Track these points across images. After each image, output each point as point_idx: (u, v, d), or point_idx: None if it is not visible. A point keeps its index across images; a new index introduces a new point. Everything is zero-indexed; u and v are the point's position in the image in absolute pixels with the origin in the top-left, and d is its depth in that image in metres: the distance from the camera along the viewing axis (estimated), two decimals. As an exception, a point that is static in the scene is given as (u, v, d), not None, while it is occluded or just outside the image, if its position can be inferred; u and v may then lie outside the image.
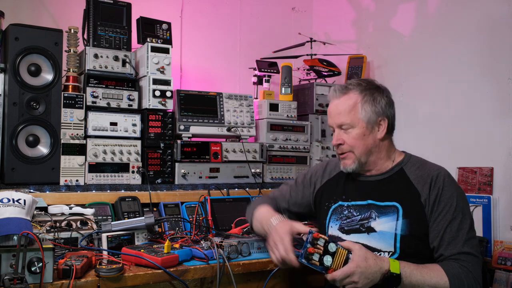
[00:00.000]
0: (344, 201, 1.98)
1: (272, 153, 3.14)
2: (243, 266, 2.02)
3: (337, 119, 1.91)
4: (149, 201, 2.55)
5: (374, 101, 1.89)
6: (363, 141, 1.89)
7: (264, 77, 3.32)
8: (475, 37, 2.93)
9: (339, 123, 1.91)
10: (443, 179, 1.83)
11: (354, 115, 1.88)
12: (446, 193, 1.80)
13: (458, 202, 1.79)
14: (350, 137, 1.89)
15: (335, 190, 2.04)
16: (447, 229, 1.76)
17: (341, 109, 1.90)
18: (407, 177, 1.89)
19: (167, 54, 2.79)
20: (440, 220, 1.78)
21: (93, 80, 2.61)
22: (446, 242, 1.75)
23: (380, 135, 1.90)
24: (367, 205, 1.91)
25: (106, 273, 1.72)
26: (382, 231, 1.84)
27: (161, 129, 2.76)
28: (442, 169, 1.88)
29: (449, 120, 3.05)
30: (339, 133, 1.92)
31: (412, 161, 1.93)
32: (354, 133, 1.88)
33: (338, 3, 3.93)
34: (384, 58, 3.53)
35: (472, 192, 2.84)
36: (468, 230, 1.77)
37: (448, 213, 1.77)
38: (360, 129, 1.88)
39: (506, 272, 2.55)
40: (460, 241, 1.74)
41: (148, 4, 3.25)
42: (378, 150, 1.92)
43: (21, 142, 2.39)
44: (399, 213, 1.82)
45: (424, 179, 1.84)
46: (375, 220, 1.86)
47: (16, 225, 1.69)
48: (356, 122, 1.88)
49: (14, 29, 2.38)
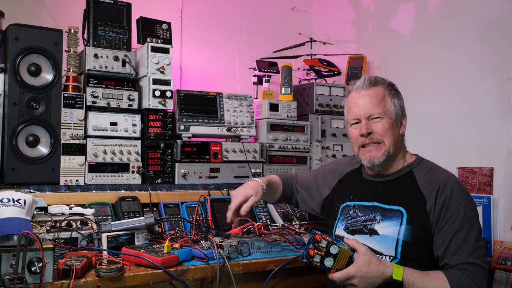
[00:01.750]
0: (351, 200, 1.98)
1: (272, 153, 3.14)
2: (243, 266, 2.02)
3: (367, 109, 1.88)
4: (149, 201, 2.55)
5: (399, 97, 1.93)
6: (392, 131, 1.88)
7: (264, 77, 3.32)
8: (475, 37, 2.93)
9: (369, 114, 1.88)
10: (451, 187, 1.79)
11: (384, 106, 1.88)
12: (453, 202, 1.76)
13: (466, 212, 1.75)
14: (380, 126, 1.87)
15: (345, 190, 2.04)
16: (453, 238, 1.72)
17: (372, 99, 1.88)
18: (415, 181, 1.87)
19: (167, 54, 2.79)
20: (446, 229, 1.74)
21: (93, 80, 2.61)
22: (452, 252, 1.71)
23: (402, 131, 1.93)
24: (372, 207, 1.90)
25: (106, 273, 1.72)
26: (384, 235, 1.83)
27: (161, 129, 2.76)
28: (451, 177, 1.85)
29: (449, 120, 3.05)
30: (367, 123, 1.88)
31: (423, 165, 1.91)
32: (385, 122, 1.87)
33: (338, 3, 3.93)
34: (384, 58, 3.53)
35: (472, 192, 2.84)
36: (475, 240, 1.72)
37: (455, 223, 1.73)
38: (390, 120, 1.88)
39: (506, 272, 2.55)
40: (466, 251, 1.70)
41: (148, 4, 3.25)
42: (400, 145, 1.93)
43: (21, 142, 2.39)
44: (403, 218, 1.81)
45: (432, 186, 1.82)
46: (379, 223, 1.85)
47: (16, 225, 1.69)
48: (386, 113, 1.88)
49: (14, 29, 2.38)
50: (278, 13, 4.01)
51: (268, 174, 3.09)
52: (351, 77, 3.47)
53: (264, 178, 2.15)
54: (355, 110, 1.92)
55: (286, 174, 2.27)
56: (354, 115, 1.93)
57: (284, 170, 3.15)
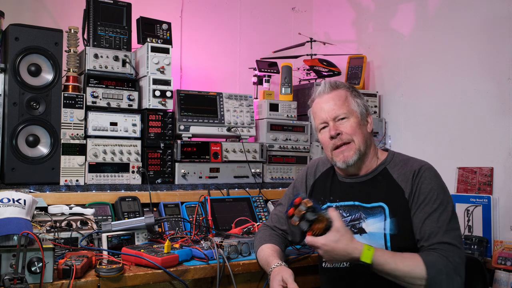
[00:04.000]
0: (332, 201, 1.99)
1: (272, 153, 3.14)
2: (243, 266, 2.02)
3: (332, 111, 1.92)
4: (149, 201, 2.55)
5: (360, 97, 1.97)
6: (361, 130, 1.91)
7: (264, 77, 3.32)
8: (475, 37, 2.93)
9: (335, 115, 1.91)
10: (423, 172, 1.83)
11: (348, 106, 1.92)
12: (426, 186, 1.80)
13: (438, 195, 1.78)
14: (348, 126, 1.90)
15: (323, 191, 2.04)
16: (426, 221, 1.75)
17: (335, 101, 1.92)
18: (390, 177, 1.89)
19: (167, 54, 2.79)
20: (419, 212, 1.78)
21: (93, 80, 2.61)
22: (427, 234, 1.74)
23: (369, 129, 1.95)
24: (355, 206, 1.92)
25: (106, 273, 1.72)
26: (371, 232, 1.86)
27: (161, 129, 2.76)
28: (424, 164, 1.88)
29: (449, 120, 3.05)
30: (335, 124, 1.91)
31: (395, 160, 1.94)
32: (352, 121, 1.90)
33: (338, 3, 3.93)
34: (384, 58, 3.53)
35: (472, 192, 2.84)
36: (449, 221, 1.75)
37: (428, 206, 1.77)
38: (356, 119, 1.91)
39: (506, 272, 2.55)
40: (440, 232, 1.73)
41: (148, 4, 3.25)
42: (370, 143, 1.95)
43: (21, 142, 2.39)
44: (386, 212, 1.84)
45: (407, 176, 1.85)
46: (364, 221, 1.88)
47: (16, 225, 1.69)
48: (351, 113, 1.91)
49: (14, 29, 2.39)
50: (278, 13, 4.01)
51: (268, 174, 3.09)
52: (351, 77, 3.47)
53: (274, 259, 1.93)
54: (321, 114, 1.95)
55: (266, 231, 2.14)
56: (321, 119, 1.96)
57: (284, 170, 3.15)
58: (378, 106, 3.44)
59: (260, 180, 3.02)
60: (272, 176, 3.11)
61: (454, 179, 2.93)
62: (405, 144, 3.32)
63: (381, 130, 3.41)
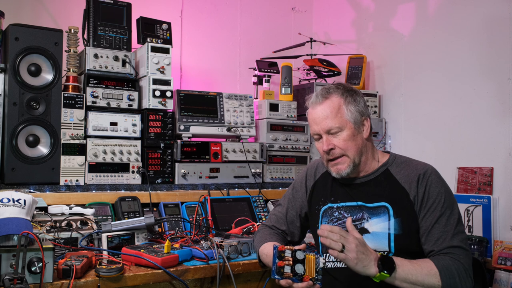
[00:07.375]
0: (333, 202, 1.97)
1: (272, 153, 3.14)
2: (243, 266, 2.02)
3: (325, 124, 1.87)
4: (149, 201, 2.55)
5: (355, 102, 1.90)
6: (354, 142, 1.87)
7: (264, 77, 3.32)
8: (475, 37, 2.94)
9: (327, 128, 1.87)
10: (430, 175, 1.83)
11: (341, 117, 1.86)
12: (434, 189, 1.81)
13: (446, 198, 1.80)
14: (341, 140, 1.86)
15: (323, 191, 2.03)
16: (435, 225, 1.77)
17: (327, 113, 1.87)
18: (393, 177, 1.89)
19: (167, 54, 2.79)
20: (428, 216, 1.79)
21: (93, 80, 2.61)
22: (435, 238, 1.76)
23: (366, 135, 1.91)
24: (357, 206, 1.91)
25: (106, 273, 1.72)
26: (375, 232, 1.85)
27: (161, 129, 2.76)
28: (428, 167, 1.88)
29: (449, 120, 3.05)
30: (327, 138, 1.88)
31: (397, 162, 1.93)
32: (345, 135, 1.86)
33: (338, 3, 3.93)
34: (384, 58, 3.53)
35: (472, 192, 2.84)
36: (456, 225, 1.77)
37: (436, 210, 1.78)
38: (349, 130, 1.86)
39: (506, 272, 2.55)
40: (448, 235, 1.75)
41: (148, 4, 3.25)
42: (366, 150, 1.92)
43: (21, 142, 2.39)
44: (390, 212, 1.84)
45: (411, 178, 1.85)
46: (367, 221, 1.87)
47: (16, 225, 1.69)
48: (344, 124, 1.86)
49: (14, 29, 2.39)
50: (278, 13, 4.01)
51: (268, 174, 3.09)
52: (351, 77, 3.47)
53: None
54: (314, 127, 1.92)
55: (265, 230, 2.14)
56: (314, 131, 1.93)
57: (284, 170, 3.15)
58: (378, 106, 3.44)
59: (260, 180, 3.02)
60: (272, 176, 3.11)
61: (454, 179, 2.93)
62: (405, 144, 3.32)
63: (381, 130, 3.41)
